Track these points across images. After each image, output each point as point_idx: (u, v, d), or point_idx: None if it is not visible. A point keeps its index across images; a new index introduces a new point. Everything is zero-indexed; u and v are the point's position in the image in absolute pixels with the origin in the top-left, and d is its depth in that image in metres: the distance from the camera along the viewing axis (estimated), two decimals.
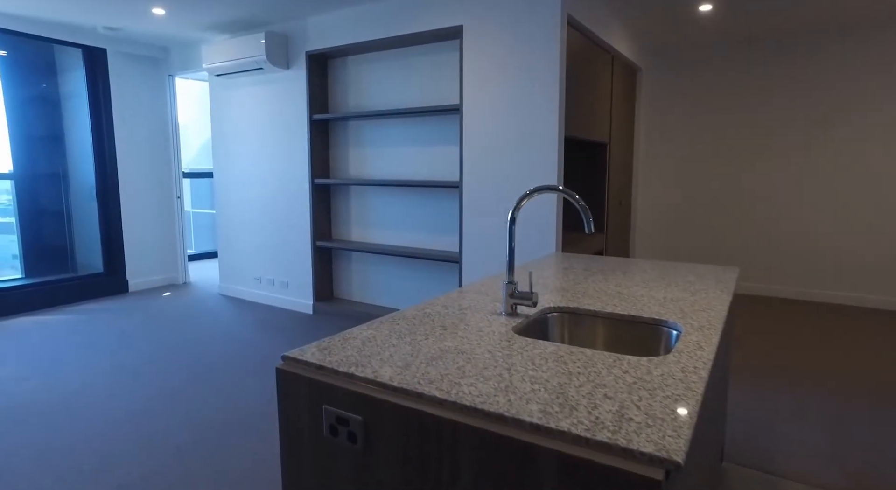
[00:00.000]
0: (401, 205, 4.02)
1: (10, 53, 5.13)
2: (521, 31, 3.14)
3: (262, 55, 4.04)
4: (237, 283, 4.94)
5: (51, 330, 3.95)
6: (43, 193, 5.43)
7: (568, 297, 1.57)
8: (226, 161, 4.84)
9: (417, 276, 4.01)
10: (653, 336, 1.35)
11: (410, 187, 3.94)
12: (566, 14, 3.08)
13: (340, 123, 4.26)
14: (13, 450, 2.28)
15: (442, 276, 3.89)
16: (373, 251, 3.97)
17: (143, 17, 4.05)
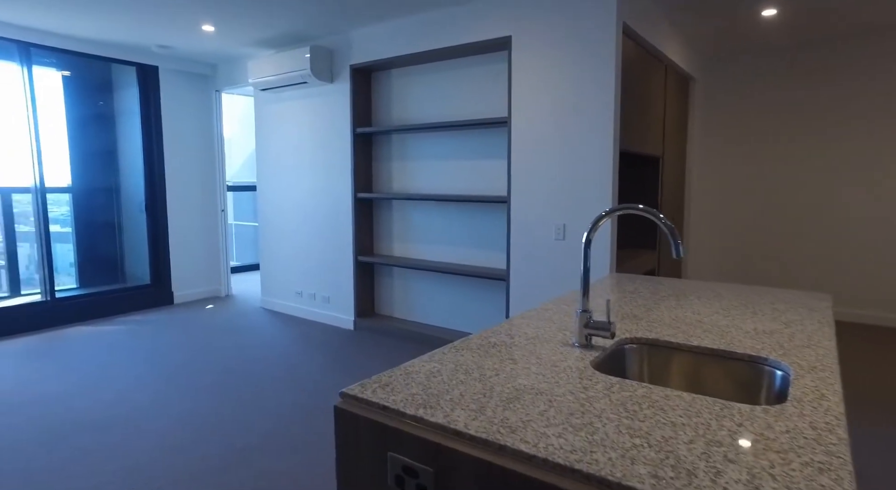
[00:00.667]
0: (445, 220, 3.93)
1: (72, 73, 5.33)
2: (574, 41, 3.02)
3: (306, 69, 4.05)
4: (278, 297, 4.94)
5: (101, 340, 4.00)
6: (96, 206, 5.59)
7: (643, 326, 1.42)
8: (269, 174, 4.87)
9: (462, 294, 3.90)
10: (751, 376, 1.19)
11: (455, 202, 3.85)
12: (622, 23, 2.95)
13: (384, 137, 4.22)
14: (61, 462, 2.27)
15: (488, 295, 3.77)
16: (416, 267, 3.88)
17: (194, 34, 4.12)
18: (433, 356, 1.21)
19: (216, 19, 3.77)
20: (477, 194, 3.69)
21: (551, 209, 3.20)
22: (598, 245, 3.07)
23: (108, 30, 4.06)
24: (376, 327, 4.21)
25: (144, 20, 3.79)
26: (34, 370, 3.40)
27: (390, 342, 3.97)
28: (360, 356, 3.66)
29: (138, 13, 3.64)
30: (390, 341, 3.99)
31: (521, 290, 3.36)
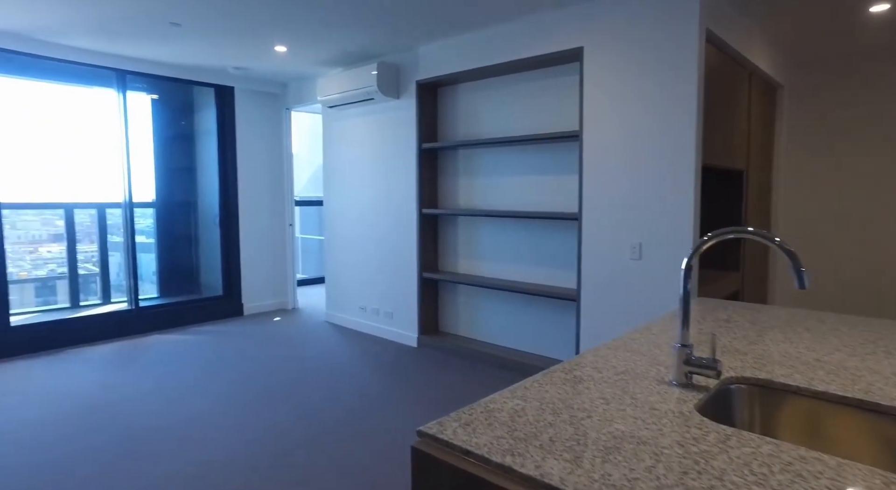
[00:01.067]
0: (512, 237, 3.83)
1: (159, 97, 5.69)
2: (651, 50, 2.86)
3: (373, 86, 4.09)
4: (342, 312, 4.98)
5: (177, 349, 4.17)
6: (176, 220, 5.90)
7: (749, 362, 1.26)
8: (335, 190, 4.95)
9: (529, 314, 3.76)
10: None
11: (523, 219, 3.74)
12: (704, 28, 2.76)
13: (450, 152, 4.18)
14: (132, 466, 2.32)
15: (556, 316, 3.61)
16: (481, 285, 3.79)
17: (267, 55, 4.27)
18: (515, 391, 1.11)
19: (288, 40, 3.89)
20: (545, 211, 3.56)
21: (626, 227, 3.02)
22: (674, 264, 2.86)
23: (192, 55, 4.28)
24: (440, 345, 4.14)
25: (224, 44, 3.97)
26: (117, 375, 3.57)
27: (455, 362, 3.88)
28: (425, 376, 3.60)
29: (219, 38, 3.81)
30: (455, 361, 3.90)
31: (592, 312, 3.18)
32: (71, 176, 5.36)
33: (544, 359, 3.61)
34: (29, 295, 5.46)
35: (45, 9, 3.29)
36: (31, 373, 3.67)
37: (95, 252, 5.61)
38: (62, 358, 4.00)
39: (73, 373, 3.65)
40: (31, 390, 3.33)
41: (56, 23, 3.54)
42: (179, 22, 3.47)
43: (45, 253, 5.47)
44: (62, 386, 3.40)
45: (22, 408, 3.05)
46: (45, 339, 4.22)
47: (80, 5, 3.18)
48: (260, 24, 3.52)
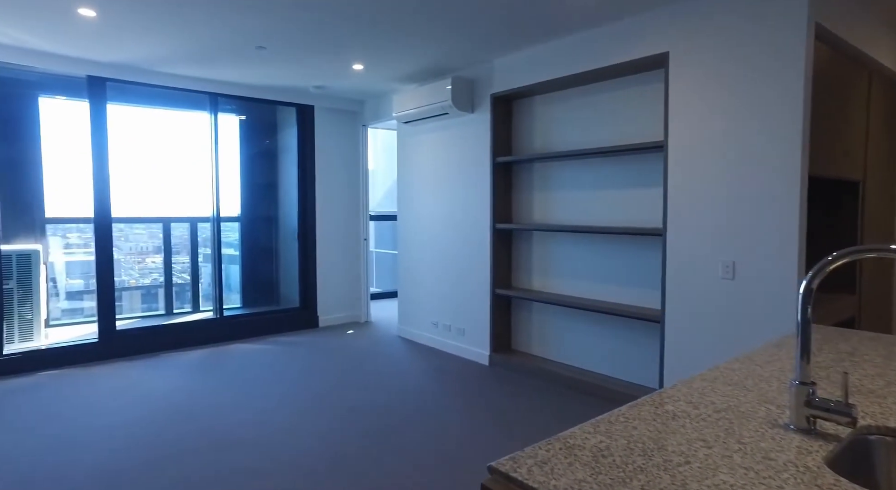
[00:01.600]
0: (590, 253, 3.64)
1: (246, 117, 6.05)
2: (749, 51, 2.62)
3: (447, 100, 4.08)
4: (414, 327, 4.96)
5: (256, 358, 4.31)
6: (259, 234, 6.19)
7: (890, 407, 1.05)
8: (408, 204, 4.97)
9: (608, 334, 3.54)
10: None
11: (601, 234, 3.54)
12: (813, 24, 2.49)
13: (525, 166, 4.07)
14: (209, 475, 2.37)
15: (638, 337, 3.37)
16: (556, 303, 3.62)
17: (345, 73, 4.39)
18: (598, 425, 0.98)
19: (365, 59, 3.97)
20: (626, 226, 3.35)
21: (717, 244, 2.76)
22: (782, 285, 2.56)
23: (275, 76, 4.49)
24: (512, 364, 4.00)
25: (305, 64, 4.12)
26: (201, 382, 3.73)
27: (528, 382, 3.72)
28: (497, 396, 3.47)
29: (301, 59, 3.97)
30: (528, 381, 3.74)
31: (678, 334, 2.93)
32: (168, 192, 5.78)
33: (624, 383, 3.37)
34: (136, 301, 5.94)
35: (154, 42, 3.56)
36: (131, 373, 3.92)
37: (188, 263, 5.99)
38: (156, 362, 4.25)
39: (166, 377, 3.86)
40: (129, 391, 3.54)
41: (161, 53, 3.83)
42: (264, 45, 3.63)
43: (150, 263, 5.93)
44: (156, 389, 3.60)
45: (120, 408, 3.24)
46: (144, 343, 4.52)
47: (182, 36, 3.41)
48: (338, 44, 3.61)
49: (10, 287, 4.27)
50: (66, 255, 5.51)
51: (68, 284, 5.58)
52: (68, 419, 3.07)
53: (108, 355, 4.35)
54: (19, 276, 4.32)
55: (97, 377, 3.87)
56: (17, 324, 4.28)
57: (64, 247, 5.52)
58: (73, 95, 5.04)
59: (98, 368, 4.09)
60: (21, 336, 4.30)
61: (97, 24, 3.27)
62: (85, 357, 4.26)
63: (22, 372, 3.99)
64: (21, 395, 3.51)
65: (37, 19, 3.21)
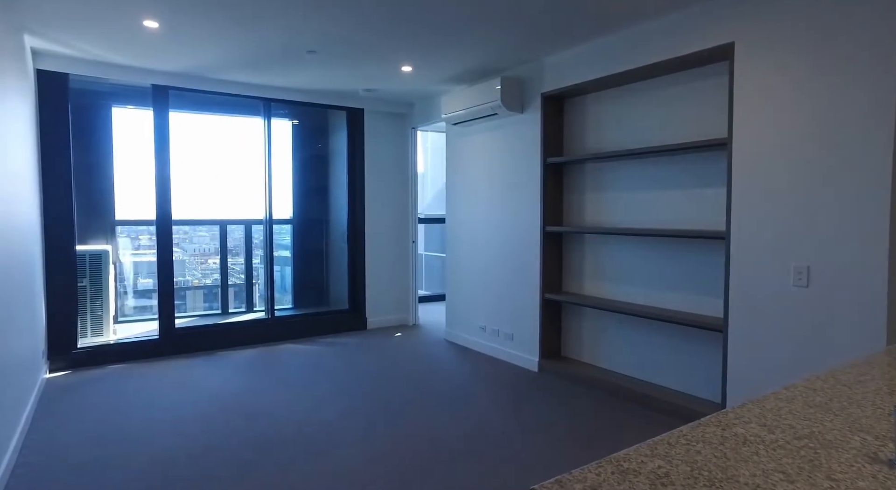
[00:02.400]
0: (644, 257, 3.47)
1: (299, 122, 6.19)
2: (830, 38, 2.40)
3: (496, 100, 4.00)
4: (462, 330, 4.90)
5: (306, 359, 4.38)
6: (309, 236, 6.31)
7: None
8: (457, 207, 4.93)
9: (665, 343, 3.36)
10: None
11: (656, 237, 3.37)
12: None
13: (576, 167, 3.94)
14: (256, 474, 2.40)
15: (696, 347, 3.17)
16: (609, 309, 3.47)
17: (394, 75, 4.39)
18: (656, 447, 0.88)
19: (414, 60, 3.96)
20: (684, 229, 3.17)
21: (788, 247, 2.55)
22: (867, 294, 2.33)
23: (326, 80, 4.55)
24: (562, 372, 3.86)
25: (355, 67, 4.15)
26: (253, 381, 3.81)
27: (578, 391, 3.58)
28: (545, 405, 3.35)
29: (350, 62, 4.00)
30: (578, 389, 3.60)
31: (742, 345, 2.72)
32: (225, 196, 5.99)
33: (683, 396, 3.18)
34: (198, 300, 6.21)
35: (211, 50, 3.69)
36: (188, 370, 4.07)
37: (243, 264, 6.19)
38: (212, 360, 4.39)
39: (220, 375, 3.97)
40: (186, 387, 3.67)
41: (218, 61, 3.96)
42: (315, 49, 3.69)
43: (211, 264, 6.18)
44: (210, 386, 3.71)
45: (177, 404, 3.36)
46: (200, 341, 4.69)
47: (237, 44, 3.52)
48: (388, 46, 3.62)
49: (84, 285, 4.53)
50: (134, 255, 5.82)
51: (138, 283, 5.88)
52: (130, 412, 3.20)
53: (168, 352, 4.53)
54: (91, 274, 4.57)
55: (157, 373, 4.03)
56: (90, 320, 4.53)
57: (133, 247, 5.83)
58: (140, 104, 5.31)
59: (158, 364, 4.27)
60: (92, 331, 4.55)
61: (160, 34, 3.41)
62: (147, 353, 4.45)
63: (92, 364, 4.22)
64: (89, 386, 3.70)
65: (106, 32, 3.38)
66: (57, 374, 4.01)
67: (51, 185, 4.03)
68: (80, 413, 3.21)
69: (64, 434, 2.91)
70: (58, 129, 4.05)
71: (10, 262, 2.68)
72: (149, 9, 3.01)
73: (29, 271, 3.30)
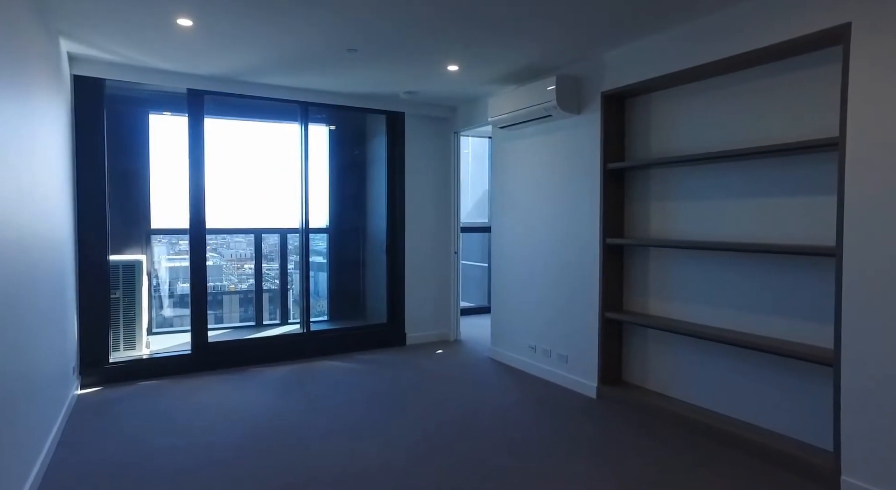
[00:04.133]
0: (721, 274, 3.06)
1: (336, 127, 5.98)
2: None
3: (551, 101, 3.67)
4: (508, 349, 4.55)
5: (342, 378, 4.09)
6: (346, 246, 6.08)
7: None
8: (503, 216, 4.60)
9: (755, 374, 2.93)
10: None
11: (738, 252, 2.96)
12: None
13: (640, 172, 3.56)
14: None
15: (796, 382, 2.74)
16: (679, 331, 3.08)
17: (439, 75, 4.11)
18: None
19: (461, 58, 3.66)
20: (775, 243, 2.76)
21: None
22: None
23: (366, 81, 4.30)
24: (625, 400, 3.48)
25: (397, 66, 3.88)
26: (289, 403, 3.55)
27: (644, 422, 3.19)
28: (607, 438, 2.98)
29: (393, 60, 3.74)
30: (644, 421, 3.21)
31: (860, 382, 2.29)
32: (260, 204, 5.82)
33: (779, 438, 2.75)
34: (234, 306, 6.07)
35: (247, 51, 3.48)
36: (221, 388, 3.84)
37: (277, 271, 6.00)
38: (244, 377, 4.16)
39: (253, 394, 3.73)
40: (217, 408, 3.43)
41: (254, 62, 3.75)
42: (356, 47, 3.43)
43: (247, 269, 6.06)
44: (242, 408, 3.46)
45: (206, 429, 3.12)
46: (233, 357, 4.47)
47: (274, 43, 3.29)
48: (434, 43, 3.33)
49: (117, 296, 4.38)
50: (170, 260, 5.70)
51: (177, 288, 5.77)
52: (158, 436, 2.97)
53: (200, 367, 4.33)
54: (125, 285, 4.42)
55: (188, 391, 3.81)
56: (122, 333, 4.38)
57: (173, 252, 5.72)
58: (177, 111, 5.19)
59: (190, 381, 4.06)
60: (125, 344, 4.40)
61: (194, 35, 3.21)
62: (179, 369, 4.26)
63: (124, 380, 4.04)
64: (119, 404, 3.50)
65: (140, 33, 3.20)
66: (88, 390, 3.84)
67: (85, 194, 3.89)
68: (107, 436, 3.01)
69: (89, 458, 2.70)
70: (94, 136, 3.91)
71: (35, 275, 2.48)
72: (182, 6, 2.80)
73: (59, 284, 3.12)
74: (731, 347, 3.02)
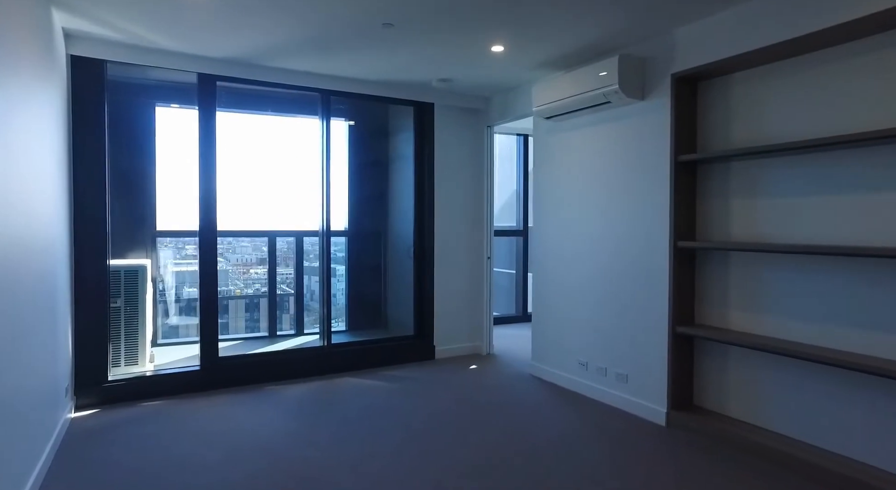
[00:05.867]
0: (822, 283, 2.58)
1: (356, 122, 5.55)
2: None
3: (613, 85, 3.21)
4: (554, 365, 4.07)
5: (365, 399, 3.63)
6: (366, 250, 5.63)
7: None
8: (547, 216, 4.13)
9: (860, 404, 2.44)
10: None
11: (845, 257, 2.48)
12: None
13: (717, 166, 3.09)
14: None
15: None
16: (776, 351, 2.60)
17: (481, 58, 3.66)
18: None
19: (508, 37, 3.22)
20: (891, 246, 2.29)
21: None
22: None
23: (397, 67, 3.86)
24: (701, 428, 2.99)
25: (436, 46, 3.45)
26: (310, 430, 3.09)
27: (730, 456, 2.70)
28: (684, 478, 2.50)
29: (432, 39, 3.30)
30: (729, 455, 2.73)
31: None
32: (274, 205, 5.38)
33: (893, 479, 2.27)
34: (240, 311, 5.63)
35: (266, 28, 3.04)
36: (233, 411, 3.38)
37: (292, 276, 5.56)
38: (259, 398, 3.70)
39: (271, 420, 3.27)
40: (228, 437, 2.97)
41: (273, 42, 3.32)
42: (392, 21, 2.99)
43: (253, 274, 5.64)
44: (260, 435, 3.00)
45: (215, 465, 2.66)
46: (246, 373, 4.01)
47: (296, 16, 2.85)
48: (481, 18, 2.89)
49: (117, 306, 3.94)
50: (177, 264, 5.28)
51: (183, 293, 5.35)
52: (161, 471, 2.52)
53: (210, 385, 3.88)
54: (127, 293, 3.98)
55: (197, 414, 3.36)
56: (124, 345, 3.94)
57: (180, 256, 5.30)
58: (185, 103, 4.77)
59: (199, 402, 3.61)
60: (127, 359, 3.96)
61: (206, 7, 2.78)
62: (187, 387, 3.81)
63: (125, 400, 3.60)
64: (118, 430, 3.05)
65: (146, 3, 2.77)
66: (84, 412, 3.40)
67: (83, 192, 3.46)
68: (101, 470, 2.55)
69: None
70: (93, 127, 3.48)
71: (15, 284, 2.04)
72: None
73: (48, 293, 2.68)
74: (837, 370, 2.53)
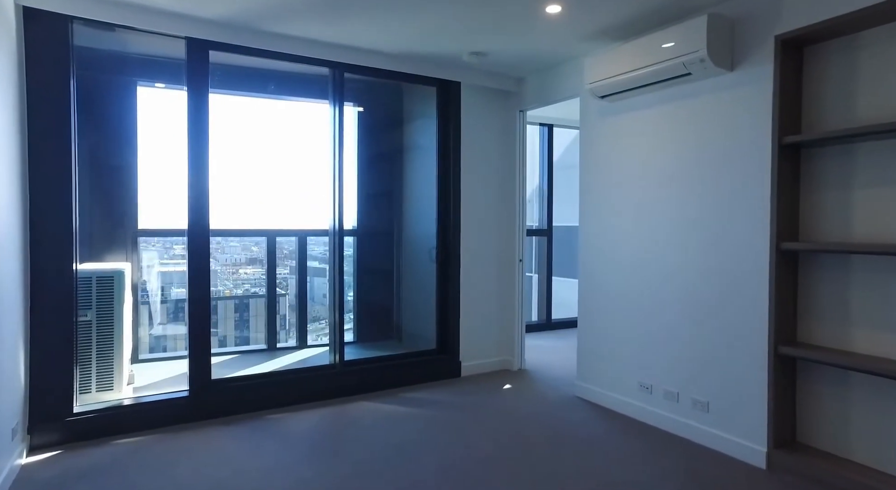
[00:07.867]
0: None
1: (364, 109, 4.92)
2: None
3: (699, 50, 2.63)
4: (606, 387, 3.48)
5: (383, 429, 3.00)
6: (377, 253, 5.02)
7: None
8: (601, 212, 3.54)
9: None
10: None
11: None
12: None
13: (833, 150, 2.51)
14: None
15: None
16: None
17: (530, 21, 3.06)
18: None
19: None
20: None
21: None
22: None
23: (424, 34, 3.25)
24: (811, 473, 2.41)
25: (474, 7, 2.84)
26: (325, 474, 2.46)
27: None
28: None
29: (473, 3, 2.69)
30: None
31: None
32: (275, 201, 4.76)
33: None
34: (229, 311, 5.03)
35: None
36: (227, 450, 2.74)
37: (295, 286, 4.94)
38: (259, 429, 3.07)
39: (275, 463, 2.64)
40: (232, 483, 2.35)
41: (276, 1, 2.70)
42: None
43: (242, 275, 5.06)
44: (267, 480, 2.37)
45: None
46: (244, 399, 3.37)
47: None
48: None
49: (87, 319, 3.29)
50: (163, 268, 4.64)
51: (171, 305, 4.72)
52: None
53: (201, 415, 3.23)
54: (99, 303, 3.33)
55: (184, 456, 2.72)
56: (95, 367, 3.29)
57: (161, 262, 4.66)
58: (172, 82, 4.12)
59: (187, 437, 2.96)
60: (99, 383, 3.31)
61: None
62: (172, 417, 3.16)
63: (95, 437, 2.95)
64: (82, 483, 2.40)
65: None
66: (40, 456, 2.74)
67: (42, 180, 2.80)
68: None
69: None
70: (56, 101, 2.83)
71: None
72: None
73: None
74: None
